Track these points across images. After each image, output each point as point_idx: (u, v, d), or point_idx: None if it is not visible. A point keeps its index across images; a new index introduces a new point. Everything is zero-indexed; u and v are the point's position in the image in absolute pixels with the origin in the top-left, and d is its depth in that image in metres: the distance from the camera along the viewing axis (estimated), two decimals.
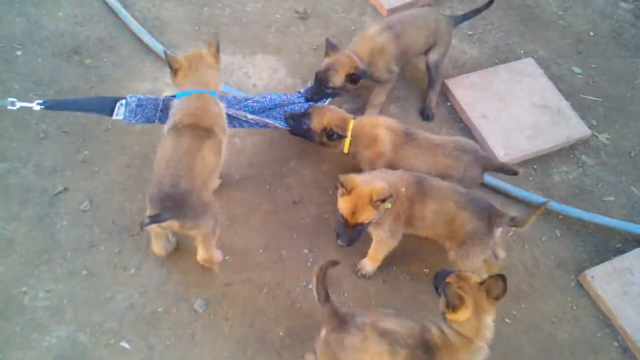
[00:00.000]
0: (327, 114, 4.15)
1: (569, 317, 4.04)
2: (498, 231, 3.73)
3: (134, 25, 5.01)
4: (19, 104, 3.81)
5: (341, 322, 3.11)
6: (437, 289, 3.31)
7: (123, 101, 4.00)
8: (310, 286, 3.95)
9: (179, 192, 3.34)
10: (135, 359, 3.57)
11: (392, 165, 4.03)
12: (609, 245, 4.39)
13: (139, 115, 4.03)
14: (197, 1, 5.38)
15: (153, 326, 3.70)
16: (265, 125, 4.32)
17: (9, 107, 3.80)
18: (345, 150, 4.18)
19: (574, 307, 4.09)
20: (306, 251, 4.10)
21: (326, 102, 4.55)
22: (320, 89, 4.41)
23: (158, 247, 3.82)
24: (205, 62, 3.76)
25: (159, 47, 4.87)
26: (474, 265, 3.77)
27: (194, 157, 3.45)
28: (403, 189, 3.70)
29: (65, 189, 4.14)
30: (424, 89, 4.96)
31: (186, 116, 3.57)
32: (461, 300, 3.05)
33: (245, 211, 4.22)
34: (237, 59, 5.04)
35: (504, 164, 4.09)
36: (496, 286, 3.04)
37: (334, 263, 3.20)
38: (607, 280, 4.11)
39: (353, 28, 5.39)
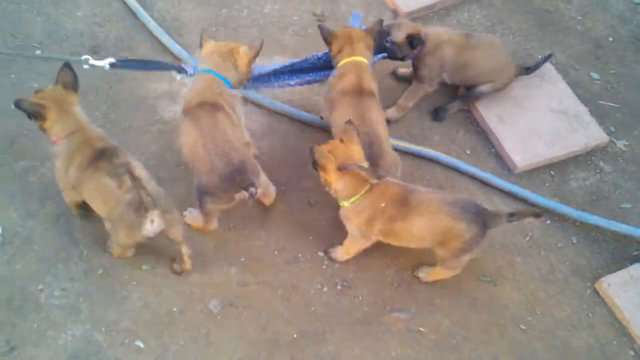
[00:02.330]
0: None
1: (585, 325, 4.02)
2: (492, 231, 3.71)
3: (152, 25, 5.03)
4: (92, 62, 4.07)
5: None
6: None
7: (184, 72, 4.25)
8: (324, 289, 3.95)
9: (236, 165, 3.63)
10: (150, 359, 3.59)
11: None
12: (625, 252, 4.36)
13: None
14: (215, 2, 5.39)
15: (167, 326, 3.71)
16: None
17: (84, 66, 4.04)
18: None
19: (590, 315, 4.06)
20: (321, 254, 4.09)
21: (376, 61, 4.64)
22: (379, 41, 4.48)
23: (214, 223, 4.00)
24: (230, 57, 4.00)
25: (176, 48, 4.90)
26: (462, 264, 3.85)
27: (223, 130, 3.71)
28: (382, 204, 3.65)
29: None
30: (445, 91, 4.95)
31: (194, 96, 3.82)
32: (42, 107, 3.48)
33: (261, 213, 4.22)
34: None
35: None
36: (66, 76, 3.57)
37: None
38: (624, 288, 4.08)
39: None
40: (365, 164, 3.64)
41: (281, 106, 4.71)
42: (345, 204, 3.72)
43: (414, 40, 4.46)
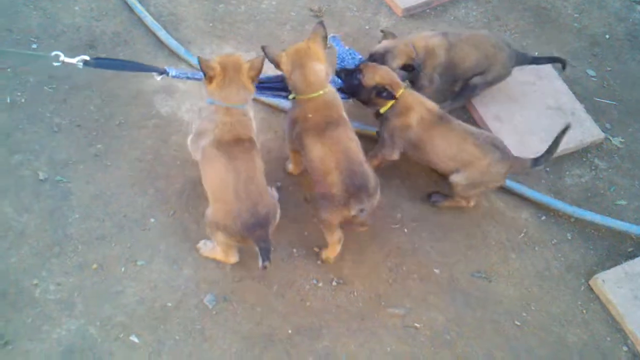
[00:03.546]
0: (380, 71, 4.18)
1: (579, 321, 4.03)
2: (355, 210, 3.66)
3: (149, 20, 5.02)
4: (63, 59, 3.69)
5: None
6: None
7: (165, 73, 4.06)
8: (320, 284, 3.95)
9: (262, 218, 3.55)
10: (145, 353, 3.59)
11: (417, 144, 4.11)
12: (620, 249, 4.38)
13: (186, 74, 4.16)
14: None
15: (162, 321, 3.71)
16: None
17: (54, 64, 3.69)
18: (382, 110, 4.19)
19: (584, 311, 4.07)
20: (317, 249, 4.09)
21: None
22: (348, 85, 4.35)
23: (234, 255, 3.89)
24: (242, 76, 3.75)
25: (173, 43, 4.89)
26: (325, 223, 3.82)
27: (256, 177, 3.61)
28: (310, 115, 3.80)
29: (78, 182, 4.16)
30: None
31: (226, 131, 3.63)
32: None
33: None
34: (251, 56, 5.01)
35: (536, 159, 4.12)
36: None
37: None
38: (618, 284, 4.09)
39: (367, 27, 5.38)
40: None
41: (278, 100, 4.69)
42: (291, 96, 3.95)
43: (410, 67, 4.39)
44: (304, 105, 3.85)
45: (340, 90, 4.24)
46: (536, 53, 5.40)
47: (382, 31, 4.65)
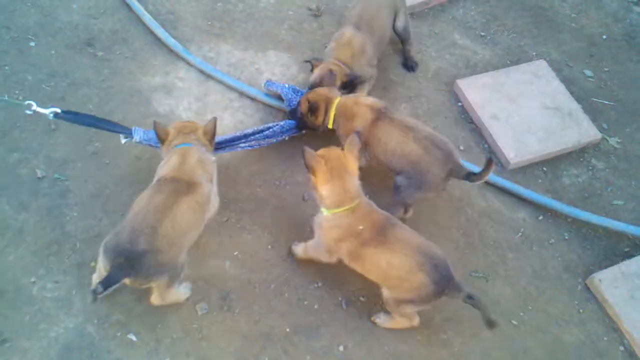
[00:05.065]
0: (310, 94, 4.25)
1: (576, 320, 4.05)
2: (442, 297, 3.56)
3: (147, 18, 5.01)
4: (35, 109, 3.77)
5: None
6: None
7: (130, 137, 4.05)
8: (318, 283, 3.96)
9: (135, 251, 3.20)
10: (142, 352, 3.58)
11: (365, 145, 4.01)
12: (617, 249, 4.39)
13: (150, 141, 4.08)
14: None
15: (160, 319, 3.70)
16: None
17: (26, 112, 3.77)
18: (330, 125, 4.25)
19: (581, 311, 4.09)
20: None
21: None
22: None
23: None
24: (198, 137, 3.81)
25: (171, 41, 4.89)
26: (404, 312, 3.68)
27: (163, 215, 3.32)
28: (361, 227, 3.52)
29: (76, 181, 4.15)
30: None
31: (169, 170, 3.57)
32: None
33: (254, 207, 4.22)
34: (250, 55, 5.04)
35: (472, 174, 3.89)
36: None
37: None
38: (615, 284, 4.10)
39: None
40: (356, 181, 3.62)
41: (277, 101, 4.71)
42: (325, 211, 3.62)
43: (348, 82, 4.53)
44: (346, 219, 3.54)
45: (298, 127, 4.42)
46: (534, 53, 5.43)
47: (307, 61, 4.67)
